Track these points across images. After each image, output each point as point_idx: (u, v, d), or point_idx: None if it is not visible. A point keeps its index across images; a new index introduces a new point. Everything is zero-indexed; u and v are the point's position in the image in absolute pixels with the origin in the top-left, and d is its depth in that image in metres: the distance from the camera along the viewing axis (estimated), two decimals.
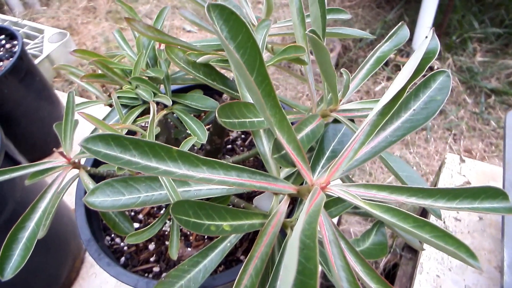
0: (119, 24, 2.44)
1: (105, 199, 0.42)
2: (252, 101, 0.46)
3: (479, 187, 0.36)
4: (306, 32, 0.42)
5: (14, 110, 1.08)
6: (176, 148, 0.34)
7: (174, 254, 0.47)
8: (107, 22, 2.46)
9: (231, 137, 0.79)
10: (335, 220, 1.15)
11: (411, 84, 0.42)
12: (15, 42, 1.12)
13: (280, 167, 0.46)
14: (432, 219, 0.86)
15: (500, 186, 0.77)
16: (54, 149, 0.49)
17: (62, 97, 1.33)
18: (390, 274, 1.17)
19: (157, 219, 0.49)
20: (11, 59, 1.04)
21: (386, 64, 1.96)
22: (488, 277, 0.85)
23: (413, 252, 1.16)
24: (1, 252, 0.43)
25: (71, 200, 0.96)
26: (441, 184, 1.02)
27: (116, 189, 0.43)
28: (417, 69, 0.42)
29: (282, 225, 0.43)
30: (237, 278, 0.39)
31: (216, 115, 0.36)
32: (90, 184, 0.51)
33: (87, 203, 0.41)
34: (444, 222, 0.95)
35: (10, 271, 0.41)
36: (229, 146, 0.77)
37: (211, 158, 0.36)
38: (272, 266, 0.44)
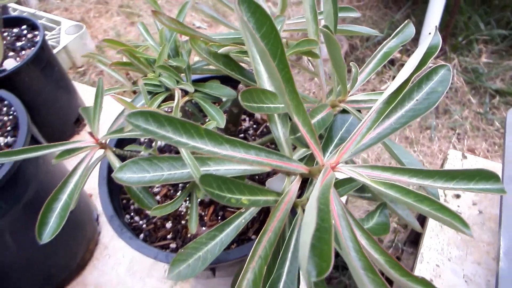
0: (131, 19, 2.48)
1: (132, 176, 0.46)
2: (268, 89, 0.50)
3: (473, 169, 0.40)
4: (320, 27, 0.46)
5: (34, 99, 1.13)
6: (204, 127, 0.38)
7: (193, 228, 0.51)
8: (118, 17, 2.51)
9: (243, 127, 0.83)
10: (342, 199, 1.18)
11: (414, 76, 0.46)
12: (36, 33, 1.17)
13: (294, 148, 0.50)
14: None
15: None
16: (85, 127, 0.53)
17: (78, 87, 1.37)
18: None
19: (177, 195, 0.53)
20: (32, 48, 1.08)
21: (393, 63, 1.99)
22: (487, 268, 0.88)
23: (415, 247, 1.19)
24: (39, 219, 0.47)
25: (86, 186, 1.00)
26: None
27: (141, 166, 0.47)
28: (420, 63, 0.46)
29: (293, 204, 0.47)
30: (252, 248, 0.43)
31: (239, 98, 0.40)
32: (116, 162, 0.55)
33: (116, 178, 0.45)
34: None
35: (47, 236, 0.46)
36: (242, 135, 0.81)
37: (233, 137, 0.40)
38: (283, 241, 0.48)
